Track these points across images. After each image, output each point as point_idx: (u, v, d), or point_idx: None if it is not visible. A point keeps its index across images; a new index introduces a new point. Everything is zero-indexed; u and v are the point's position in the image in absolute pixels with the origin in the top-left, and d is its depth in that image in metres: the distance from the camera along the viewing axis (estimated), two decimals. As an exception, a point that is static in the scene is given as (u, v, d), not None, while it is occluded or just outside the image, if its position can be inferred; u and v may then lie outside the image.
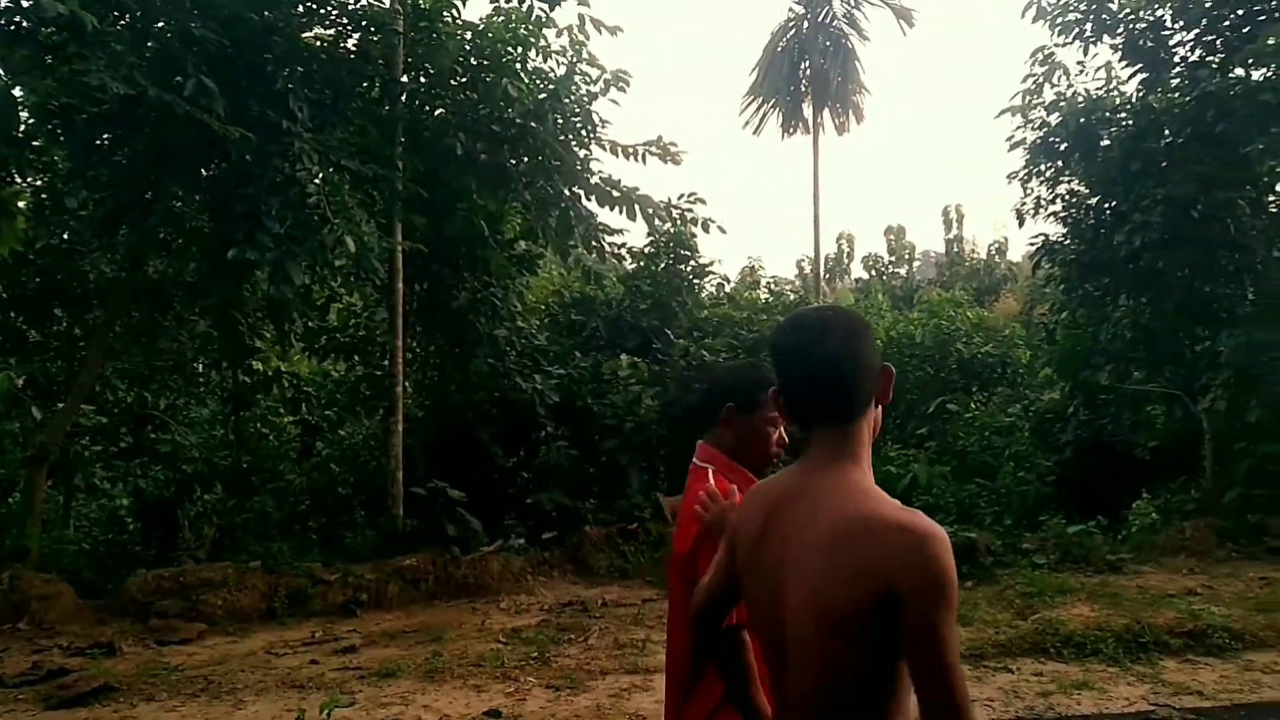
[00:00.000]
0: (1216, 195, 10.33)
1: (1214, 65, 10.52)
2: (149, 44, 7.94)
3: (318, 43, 9.41)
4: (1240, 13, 10.39)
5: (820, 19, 29.56)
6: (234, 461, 11.03)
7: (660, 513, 10.41)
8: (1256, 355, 10.09)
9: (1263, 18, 10.07)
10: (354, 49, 9.64)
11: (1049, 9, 11.49)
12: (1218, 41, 10.73)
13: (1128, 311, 12.04)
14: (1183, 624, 6.84)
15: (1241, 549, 9.54)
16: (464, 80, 10.39)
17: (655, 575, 9.40)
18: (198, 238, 9.44)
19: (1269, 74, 9.88)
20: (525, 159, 10.61)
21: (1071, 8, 11.36)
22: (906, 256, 40.31)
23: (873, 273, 38.62)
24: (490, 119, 10.15)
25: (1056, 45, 11.65)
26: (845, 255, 43.71)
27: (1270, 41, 9.20)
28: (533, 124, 10.09)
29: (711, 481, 2.31)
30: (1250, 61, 9.77)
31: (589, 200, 10.83)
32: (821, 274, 32.78)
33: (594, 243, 11.10)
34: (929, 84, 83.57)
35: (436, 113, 10.62)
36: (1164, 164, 10.67)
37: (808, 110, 30.26)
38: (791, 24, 30.00)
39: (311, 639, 7.55)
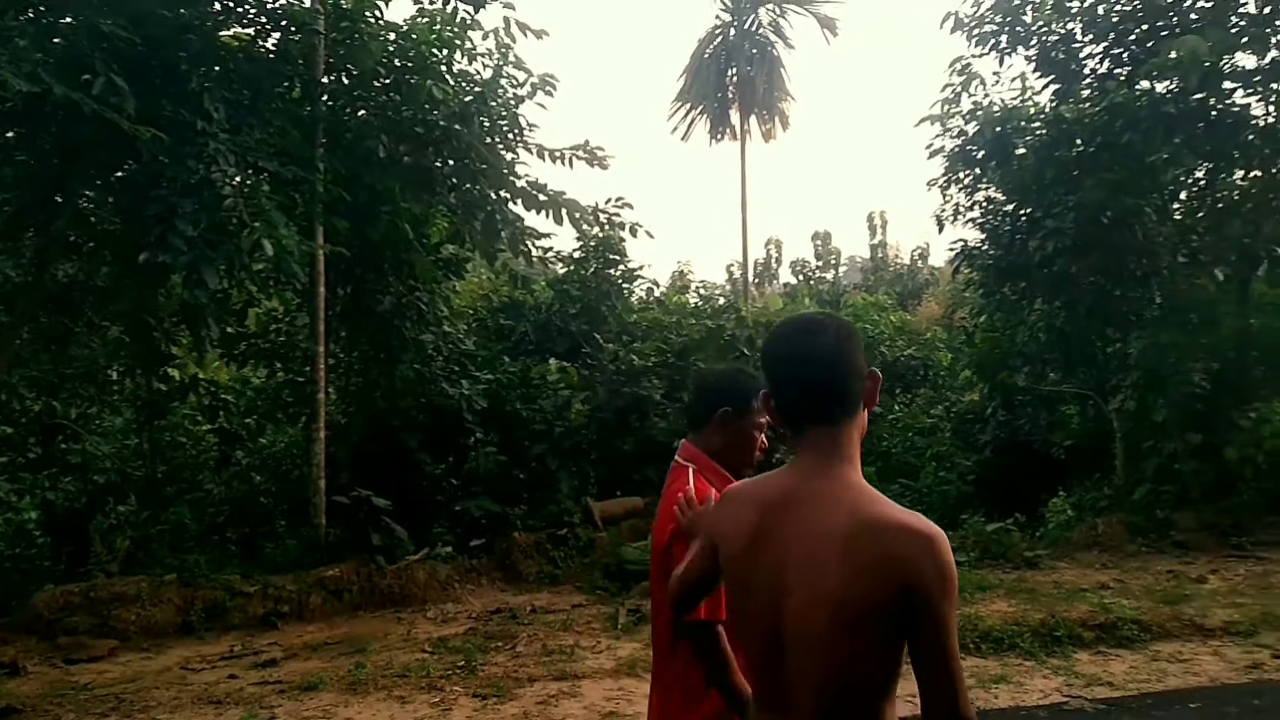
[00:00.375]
0: (1125, 202, 10.71)
1: (1121, 77, 10.92)
2: (54, 40, 7.65)
3: (235, 42, 9.17)
4: (1145, 27, 10.81)
5: (746, 26, 29.98)
6: (148, 472, 10.66)
7: (590, 518, 10.38)
8: (1163, 357, 10.50)
9: (1165, 33, 10.49)
10: (273, 49, 9.40)
11: (966, 20, 11.79)
12: (1124, 55, 11.14)
13: (1042, 315, 12.41)
14: (1095, 617, 7.09)
15: (1150, 543, 9.91)
16: (387, 82, 10.21)
17: (585, 581, 9.38)
18: (109, 240, 9.12)
19: (1171, 86, 10.30)
20: (450, 162, 10.48)
21: (987, 20, 11.67)
22: (833, 261, 41.02)
23: (800, 277, 39.18)
24: (414, 121, 10.00)
25: (974, 56, 11.97)
26: (774, 260, 44.27)
27: (1172, 55, 9.57)
28: (457, 126, 9.97)
29: (691, 482, 2.40)
30: (1154, 74, 10.15)
31: (515, 204, 10.75)
32: (750, 279, 33.18)
33: (521, 247, 11.01)
34: (853, 92, 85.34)
35: (359, 114, 10.44)
36: (1075, 172, 11.03)
37: (735, 117, 30.67)
38: (718, 31, 30.36)
39: (230, 653, 7.35)
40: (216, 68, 8.39)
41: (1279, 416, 10.01)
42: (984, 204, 12.55)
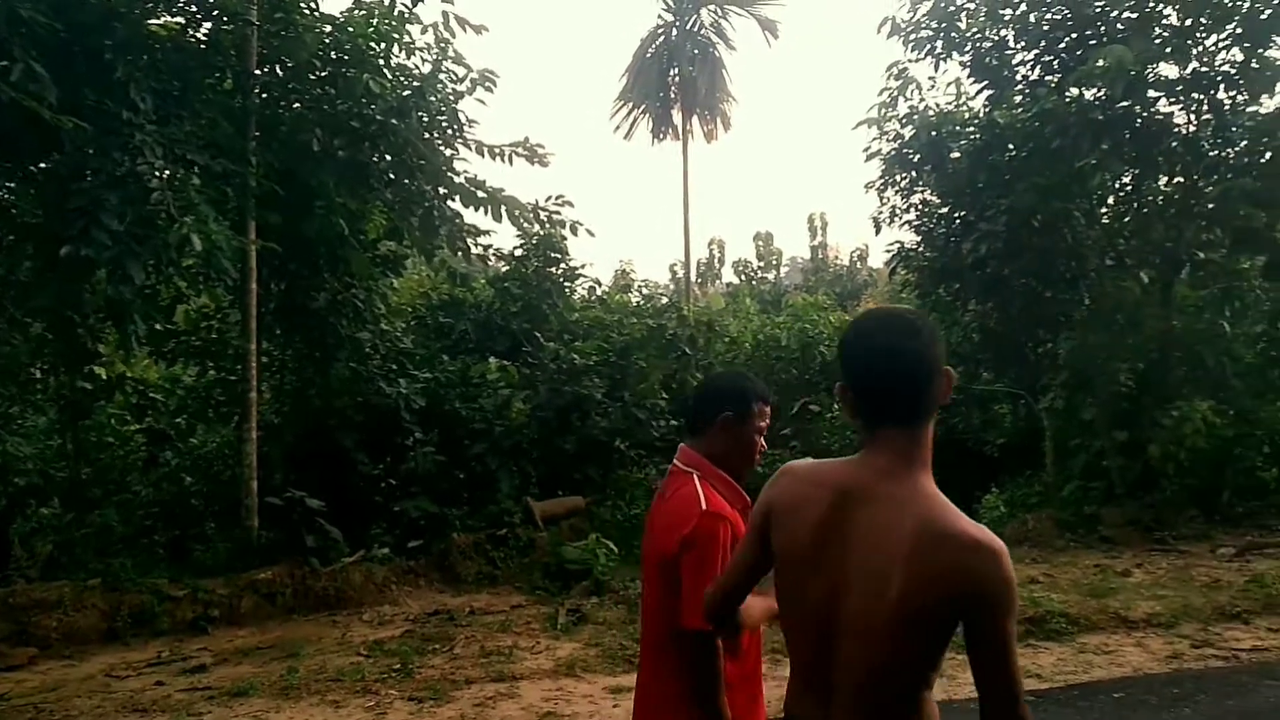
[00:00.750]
0: (1054, 206, 10.98)
1: (1052, 84, 11.18)
2: (-32, 25, 7.36)
3: (164, 31, 8.91)
4: (1074, 36, 11.09)
5: (688, 27, 30.05)
6: (72, 473, 10.30)
7: (531, 517, 10.31)
8: (1090, 357, 10.78)
9: (1094, 42, 10.77)
10: (204, 39, 9.17)
11: (903, 26, 11.98)
12: (1055, 62, 11.41)
13: (976, 316, 12.68)
14: (1025, 611, 7.23)
15: (1078, 538, 10.18)
16: (323, 75, 10.01)
17: (524, 581, 9.31)
18: (30, 234, 8.81)
19: (1099, 94, 10.58)
20: (388, 157, 10.31)
21: (923, 25, 11.87)
22: (774, 262, 41.37)
23: (742, 277, 39.41)
24: (350, 115, 9.81)
25: (910, 61, 12.19)
26: (716, 260, 44.52)
27: (1100, 64, 9.82)
28: (394, 121, 9.80)
29: (700, 493, 2.37)
30: (1082, 82, 10.42)
31: (454, 200, 10.63)
32: (693, 278, 33.29)
33: (460, 244, 10.89)
34: (794, 94, 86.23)
35: (293, 107, 10.22)
36: (1007, 176, 11.28)
37: (677, 117, 30.72)
38: (660, 31, 30.38)
39: (157, 659, 7.13)
40: (144, 57, 8.15)
41: (1199, 415, 10.32)
42: (920, 207, 12.80)
